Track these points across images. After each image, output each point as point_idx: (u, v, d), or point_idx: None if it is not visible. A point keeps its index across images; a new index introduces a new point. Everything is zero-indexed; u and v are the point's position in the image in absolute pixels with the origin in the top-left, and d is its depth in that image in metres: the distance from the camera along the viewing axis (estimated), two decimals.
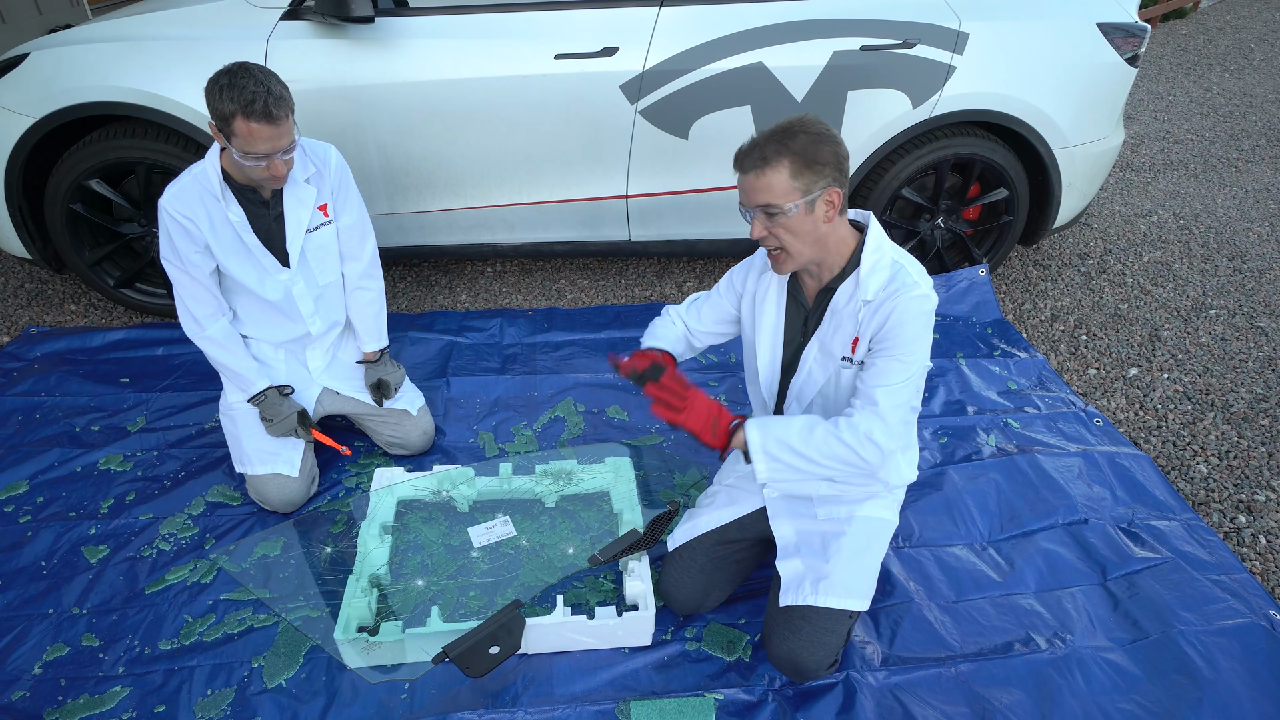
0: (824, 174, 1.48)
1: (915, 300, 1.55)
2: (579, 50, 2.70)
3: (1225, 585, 1.95)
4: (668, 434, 2.48)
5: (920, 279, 1.58)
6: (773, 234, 1.54)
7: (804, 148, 1.46)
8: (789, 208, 1.49)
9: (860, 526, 1.74)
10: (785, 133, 1.48)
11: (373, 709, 1.68)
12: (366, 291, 2.26)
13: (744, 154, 1.52)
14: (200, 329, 2.05)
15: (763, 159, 1.48)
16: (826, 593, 1.64)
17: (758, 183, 1.49)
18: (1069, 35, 2.84)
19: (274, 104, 1.74)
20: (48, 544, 2.05)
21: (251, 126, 1.74)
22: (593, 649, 1.80)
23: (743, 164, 1.52)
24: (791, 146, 1.46)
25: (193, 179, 1.92)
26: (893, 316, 1.55)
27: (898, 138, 2.85)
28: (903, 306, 1.55)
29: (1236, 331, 3.06)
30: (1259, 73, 6.47)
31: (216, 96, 1.74)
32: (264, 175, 1.85)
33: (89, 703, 1.68)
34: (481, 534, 2.06)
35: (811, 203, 1.50)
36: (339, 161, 2.09)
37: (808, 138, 1.47)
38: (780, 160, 1.47)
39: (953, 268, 3.22)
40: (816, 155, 1.47)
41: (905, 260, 1.61)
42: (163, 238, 1.95)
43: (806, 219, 1.51)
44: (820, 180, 1.48)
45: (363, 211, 2.19)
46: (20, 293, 3.30)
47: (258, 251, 2.01)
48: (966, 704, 1.70)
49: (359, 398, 2.29)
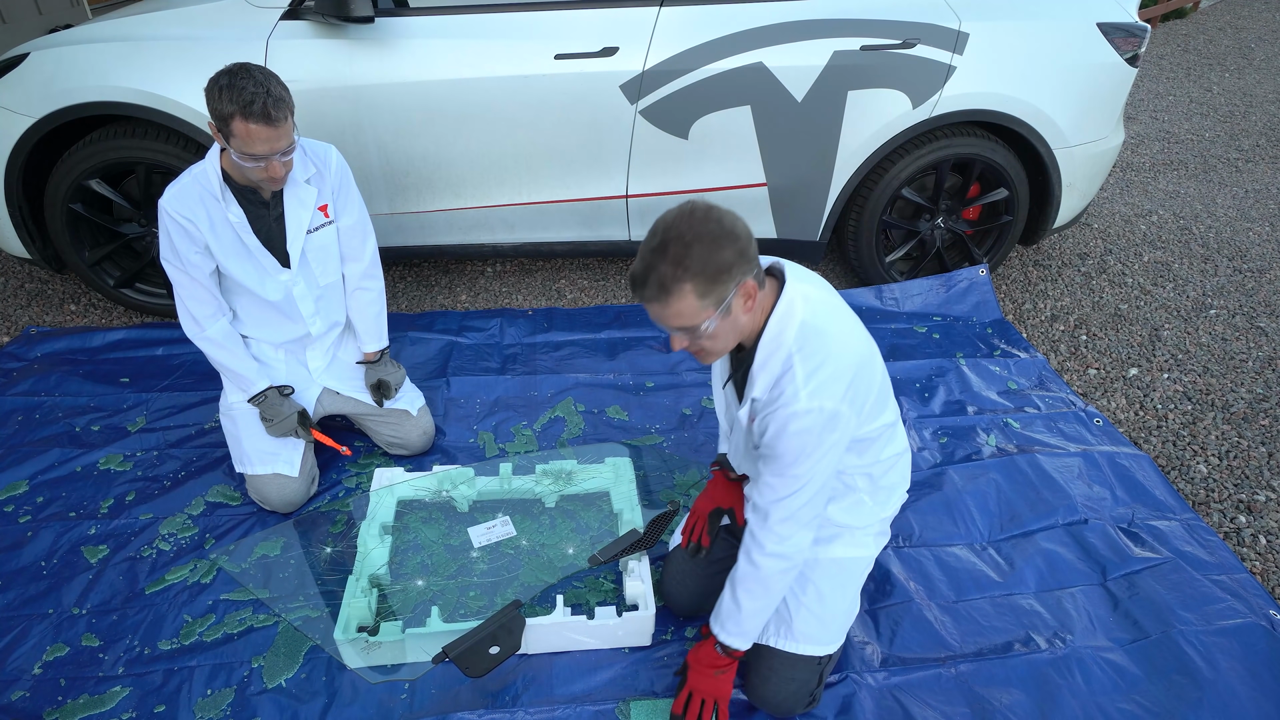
0: (732, 277, 1.30)
1: (791, 418, 1.39)
2: (579, 50, 2.70)
3: (1225, 585, 1.95)
4: (668, 434, 2.48)
5: (803, 386, 1.38)
6: (694, 345, 1.40)
7: (703, 263, 1.27)
8: (704, 326, 1.34)
9: (825, 571, 1.67)
10: (678, 250, 1.27)
11: (373, 709, 1.68)
12: (367, 292, 2.26)
13: (639, 282, 1.32)
14: (200, 329, 2.05)
15: (662, 289, 1.29)
16: (788, 640, 1.63)
17: (665, 311, 1.32)
18: (1069, 35, 2.84)
19: (273, 105, 1.74)
20: (48, 544, 2.05)
21: (250, 128, 1.74)
22: (593, 649, 1.80)
23: (641, 293, 1.33)
24: (690, 267, 1.27)
25: (193, 179, 1.92)
26: (769, 431, 1.43)
27: (898, 138, 2.85)
28: (776, 424, 1.41)
29: (1236, 331, 3.06)
30: (1259, 73, 6.47)
31: (216, 97, 1.74)
32: (262, 177, 1.85)
33: (89, 703, 1.68)
34: (481, 534, 2.06)
35: (727, 309, 1.33)
36: (339, 162, 2.09)
37: (703, 248, 1.27)
38: (681, 286, 1.28)
39: (953, 268, 3.22)
40: (719, 264, 1.28)
41: (803, 354, 1.40)
42: (163, 238, 1.95)
43: (725, 322, 1.36)
44: (729, 285, 1.31)
45: (363, 212, 2.19)
46: (20, 293, 3.30)
47: (258, 252, 2.01)
48: (966, 704, 1.70)
49: (359, 398, 2.29)
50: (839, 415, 1.40)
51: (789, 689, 1.62)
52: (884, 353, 2.86)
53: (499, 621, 1.69)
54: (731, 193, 2.94)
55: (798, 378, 1.39)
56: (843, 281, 3.42)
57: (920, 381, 2.72)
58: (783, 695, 1.62)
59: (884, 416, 1.59)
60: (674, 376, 2.75)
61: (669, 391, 2.68)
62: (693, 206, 1.32)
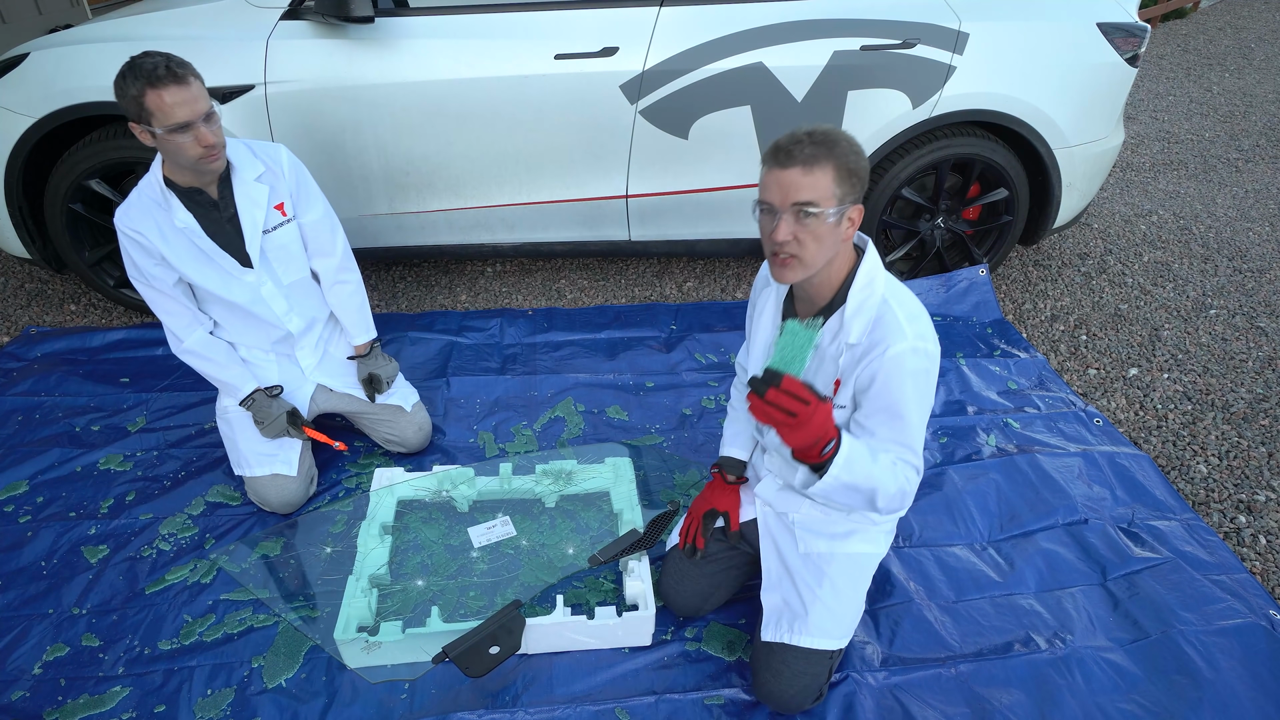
0: (857, 188, 1.42)
1: (899, 358, 1.43)
2: (579, 50, 2.70)
3: (1225, 585, 1.95)
4: (668, 434, 2.48)
5: (908, 325, 1.44)
6: (798, 237, 1.42)
7: (847, 156, 1.39)
8: (827, 211, 1.39)
9: (842, 566, 1.69)
10: (829, 137, 1.39)
11: (373, 709, 1.68)
12: (345, 285, 2.24)
13: (789, 147, 1.39)
14: (179, 342, 2.05)
15: (813, 157, 1.37)
16: (803, 634, 1.63)
17: (803, 179, 1.38)
18: (1069, 35, 2.84)
19: (176, 66, 1.73)
20: (48, 544, 2.05)
21: (161, 95, 1.72)
22: (593, 649, 1.80)
23: (788, 157, 1.38)
24: (836, 153, 1.38)
25: (138, 193, 1.92)
26: (878, 378, 1.45)
27: (898, 138, 2.85)
28: (888, 366, 1.44)
29: (1236, 331, 3.06)
30: (1259, 73, 6.47)
31: (122, 85, 1.73)
32: (197, 153, 1.81)
33: (89, 703, 1.68)
34: (481, 534, 2.06)
35: (842, 213, 1.41)
36: (291, 159, 2.07)
37: (849, 147, 1.39)
38: (828, 163, 1.38)
39: (953, 268, 3.22)
40: (857, 167, 1.40)
41: (897, 301, 1.48)
42: (125, 257, 1.95)
43: (834, 229, 1.42)
44: (853, 194, 1.41)
45: (327, 206, 2.17)
46: (20, 293, 3.30)
47: (215, 255, 1.98)
48: (966, 704, 1.70)
49: (353, 394, 2.29)
50: (935, 357, 1.46)
51: (801, 683, 1.62)
52: None
53: (499, 621, 1.69)
54: (732, 193, 2.94)
55: (900, 318, 1.44)
56: None
57: None
58: (794, 690, 1.62)
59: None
60: (674, 376, 2.75)
61: (669, 391, 2.68)
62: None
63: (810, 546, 1.71)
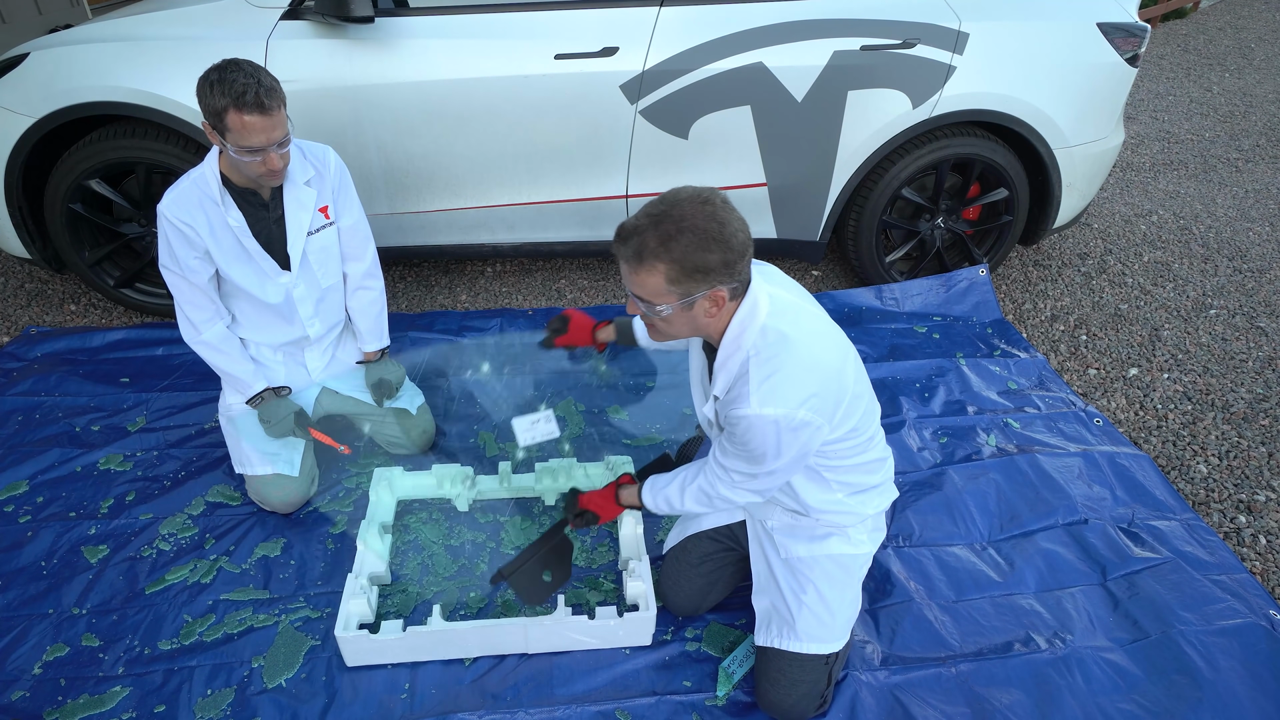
0: (706, 280, 1.30)
1: (741, 420, 1.38)
2: (579, 50, 2.70)
3: (1225, 585, 1.95)
4: (668, 434, 2.48)
5: (757, 391, 1.36)
6: (647, 318, 1.40)
7: (685, 254, 1.27)
8: (660, 309, 1.35)
9: (824, 570, 1.66)
10: (670, 231, 1.27)
11: (373, 709, 1.68)
12: (369, 291, 2.26)
13: (623, 237, 1.32)
14: (197, 333, 2.04)
15: (638, 256, 1.29)
16: (792, 640, 1.63)
17: (632, 276, 1.33)
18: (1069, 35, 2.84)
19: (265, 95, 1.73)
20: (48, 544, 2.05)
21: (245, 119, 1.73)
22: (593, 649, 1.80)
23: (621, 243, 1.32)
24: (672, 251, 1.27)
25: (191, 184, 1.91)
26: (737, 430, 1.42)
27: (898, 138, 2.85)
28: (731, 423, 1.43)
29: (1236, 331, 3.06)
30: (1259, 73, 6.47)
31: (208, 93, 1.73)
32: (261, 171, 1.83)
33: (89, 703, 1.68)
34: (526, 428, 2.01)
35: (690, 304, 1.34)
36: (338, 163, 2.09)
37: (693, 241, 1.26)
38: (656, 265, 1.29)
39: (953, 268, 3.22)
40: (700, 263, 1.28)
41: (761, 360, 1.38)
42: (161, 244, 1.94)
43: (683, 315, 1.36)
44: (701, 287, 1.31)
45: (362, 211, 2.18)
46: (20, 293, 3.30)
47: (258, 256, 1.99)
48: (966, 704, 1.70)
49: (358, 397, 2.29)
50: (794, 421, 1.37)
51: (799, 691, 1.62)
52: (884, 353, 2.87)
53: (549, 543, 1.72)
54: (731, 193, 2.93)
55: (750, 382, 1.37)
56: (843, 281, 3.42)
57: (920, 381, 2.72)
58: (793, 698, 1.62)
59: (852, 422, 1.50)
60: (674, 376, 2.75)
61: (669, 391, 2.68)
62: (707, 196, 1.30)
63: (790, 551, 1.69)
